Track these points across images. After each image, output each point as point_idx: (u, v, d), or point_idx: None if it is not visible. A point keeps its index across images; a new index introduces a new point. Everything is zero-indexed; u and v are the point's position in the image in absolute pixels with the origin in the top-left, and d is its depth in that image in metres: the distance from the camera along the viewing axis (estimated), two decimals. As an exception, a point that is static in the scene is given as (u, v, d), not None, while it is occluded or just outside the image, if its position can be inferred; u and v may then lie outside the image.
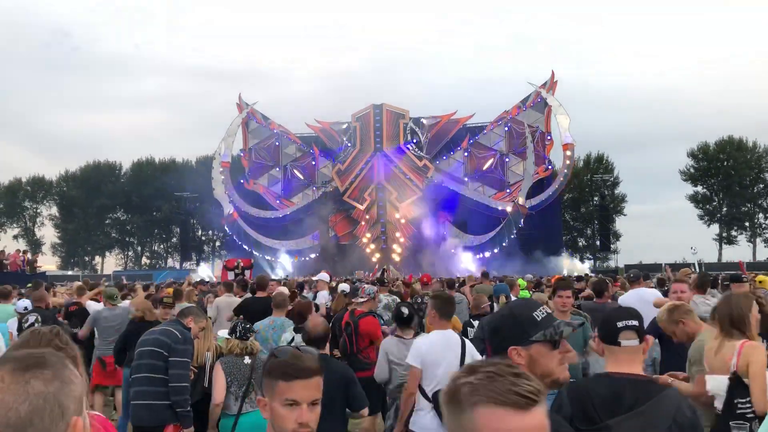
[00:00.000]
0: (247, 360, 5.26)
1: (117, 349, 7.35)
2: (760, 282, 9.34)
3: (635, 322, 2.75)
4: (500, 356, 2.01)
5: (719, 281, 11.62)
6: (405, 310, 5.91)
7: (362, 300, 7.19)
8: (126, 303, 9.36)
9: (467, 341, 5.12)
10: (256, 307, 8.73)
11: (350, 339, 6.91)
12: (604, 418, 2.45)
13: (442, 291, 8.25)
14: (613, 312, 2.92)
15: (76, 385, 1.21)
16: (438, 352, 4.94)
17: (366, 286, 7.34)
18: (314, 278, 14.33)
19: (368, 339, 6.92)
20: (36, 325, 8.10)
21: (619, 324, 2.74)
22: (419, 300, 8.43)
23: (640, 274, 9.37)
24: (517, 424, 1.20)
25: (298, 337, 5.90)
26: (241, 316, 8.09)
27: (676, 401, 2.28)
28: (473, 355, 5.02)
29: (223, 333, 6.07)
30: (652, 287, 9.39)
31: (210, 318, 7.58)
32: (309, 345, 4.51)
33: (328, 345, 4.72)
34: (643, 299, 7.53)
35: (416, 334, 6.06)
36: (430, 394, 4.92)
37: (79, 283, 12.68)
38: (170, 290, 12.50)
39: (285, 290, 10.18)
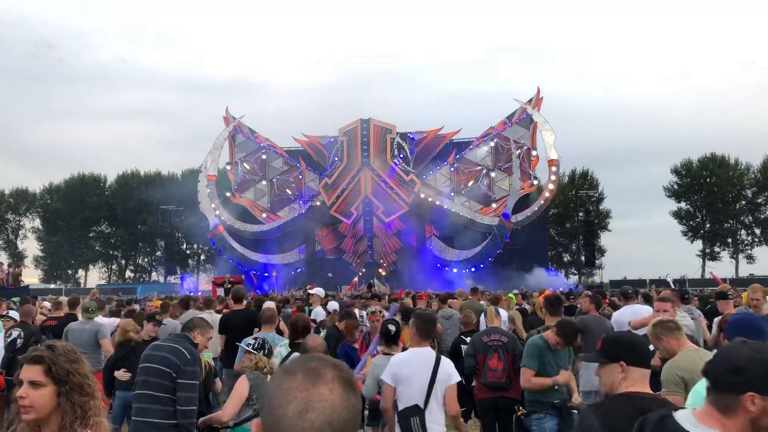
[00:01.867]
0: (269, 379, 5.28)
1: (107, 379, 7.07)
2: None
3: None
4: (728, 396, 1.95)
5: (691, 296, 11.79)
6: (392, 328, 5.92)
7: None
8: (102, 319, 9.05)
9: (444, 359, 5.10)
10: (237, 321, 8.71)
11: None
12: None
13: (425, 310, 8.26)
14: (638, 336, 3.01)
15: None
16: (411, 369, 4.94)
17: (375, 308, 7.36)
18: (311, 291, 14.12)
19: None
20: (18, 341, 8.00)
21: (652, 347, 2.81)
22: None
23: (635, 290, 9.47)
24: None
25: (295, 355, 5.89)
26: (256, 329, 8.01)
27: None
28: (449, 372, 5.00)
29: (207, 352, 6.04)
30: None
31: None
32: None
33: None
34: (637, 315, 7.59)
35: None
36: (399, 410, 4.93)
37: (63, 298, 12.48)
38: (158, 303, 12.44)
39: (272, 305, 10.18)
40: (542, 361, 5.75)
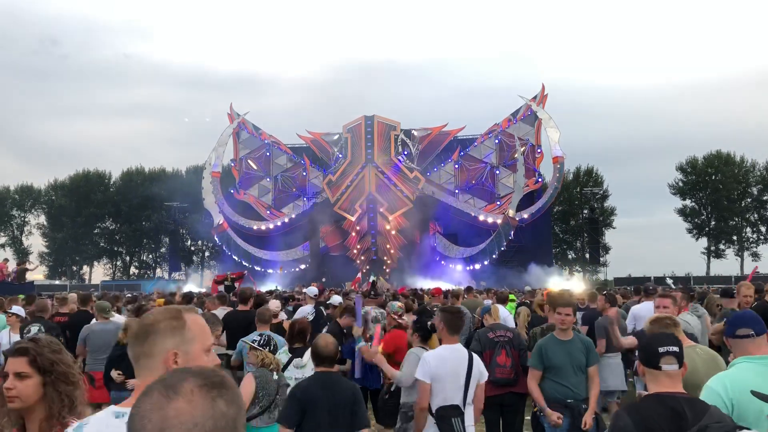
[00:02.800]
0: (275, 376, 5.28)
1: (107, 373, 7.08)
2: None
3: (676, 348, 2.92)
4: None
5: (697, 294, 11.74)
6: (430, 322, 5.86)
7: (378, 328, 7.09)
8: (119, 317, 9.09)
9: (476, 356, 5.08)
10: (238, 321, 8.66)
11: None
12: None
13: (452, 305, 8.23)
14: (654, 338, 3.10)
15: (244, 412, 1.26)
16: (447, 367, 4.89)
17: (374, 314, 7.30)
18: (304, 290, 14.14)
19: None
20: (41, 336, 7.96)
21: (661, 350, 2.91)
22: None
23: (655, 287, 9.51)
24: None
25: (297, 361, 5.84)
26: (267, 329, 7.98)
27: (720, 416, 2.40)
28: (481, 370, 4.98)
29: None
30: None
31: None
32: (320, 364, 4.49)
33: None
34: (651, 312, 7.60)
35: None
36: (434, 409, 4.87)
37: (70, 294, 12.46)
38: (160, 301, 12.41)
39: (276, 304, 10.13)
40: (550, 360, 5.66)
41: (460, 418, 4.79)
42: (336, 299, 10.09)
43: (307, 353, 5.92)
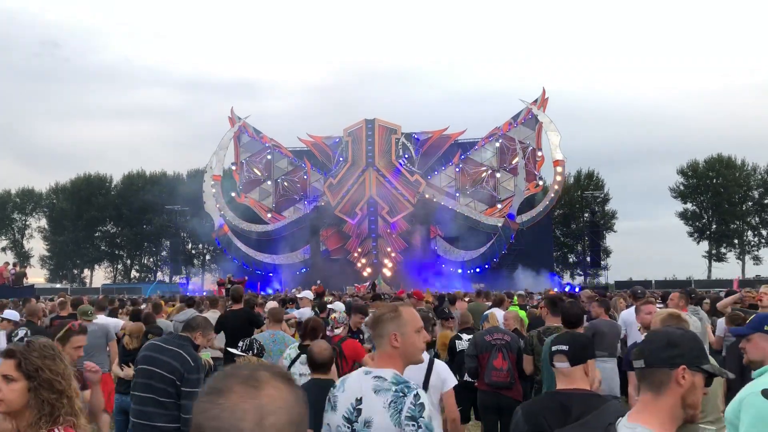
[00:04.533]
0: None
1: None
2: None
3: (565, 347, 3.09)
4: (662, 371, 2.03)
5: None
6: None
7: (338, 331, 7.00)
8: (105, 319, 9.00)
9: (438, 363, 4.88)
10: (234, 321, 8.67)
11: (338, 365, 6.76)
12: (556, 426, 2.67)
13: (419, 310, 8.19)
14: (553, 338, 3.36)
15: None
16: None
17: (337, 314, 7.13)
18: (299, 295, 14.14)
19: (353, 361, 6.79)
20: (25, 340, 7.97)
21: (553, 348, 3.14)
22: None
23: (644, 290, 9.45)
24: None
25: (304, 358, 5.81)
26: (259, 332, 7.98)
27: (616, 412, 2.36)
28: (442, 377, 4.78)
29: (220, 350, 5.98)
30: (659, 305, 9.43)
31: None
32: (315, 370, 4.43)
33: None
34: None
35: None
36: None
37: (63, 297, 12.47)
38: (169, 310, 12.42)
39: (274, 305, 10.15)
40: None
41: None
42: (338, 305, 10.06)
43: None
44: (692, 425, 3.60)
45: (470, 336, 7.68)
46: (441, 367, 4.72)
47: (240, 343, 5.56)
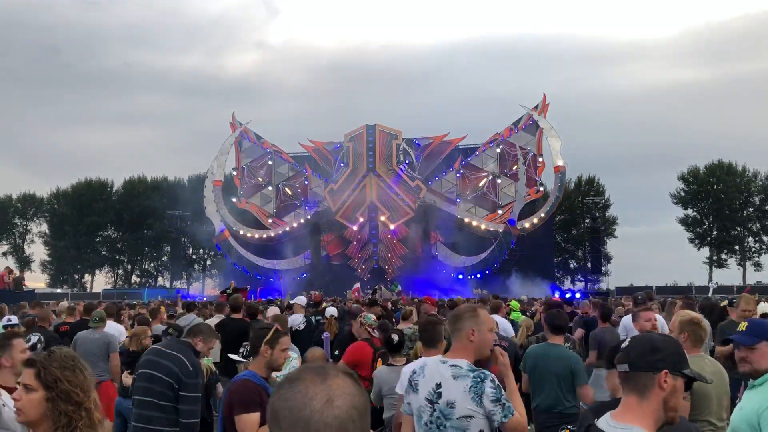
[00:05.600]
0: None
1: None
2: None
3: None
4: (646, 375, 2.10)
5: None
6: (395, 337, 5.78)
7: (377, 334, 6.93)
8: (111, 326, 9.06)
9: None
10: (231, 328, 8.64)
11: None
12: None
13: (431, 316, 8.19)
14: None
15: None
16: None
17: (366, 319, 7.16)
18: (291, 301, 14.13)
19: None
20: (38, 346, 7.97)
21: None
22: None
23: (644, 296, 9.41)
24: None
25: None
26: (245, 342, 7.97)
27: (687, 425, 2.53)
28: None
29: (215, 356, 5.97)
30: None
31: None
32: None
33: None
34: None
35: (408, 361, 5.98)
36: None
37: (70, 303, 12.47)
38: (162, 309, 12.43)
39: (275, 311, 10.16)
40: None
41: None
42: (331, 310, 10.04)
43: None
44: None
45: None
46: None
47: (241, 350, 5.56)
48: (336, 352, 8.23)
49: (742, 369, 3.45)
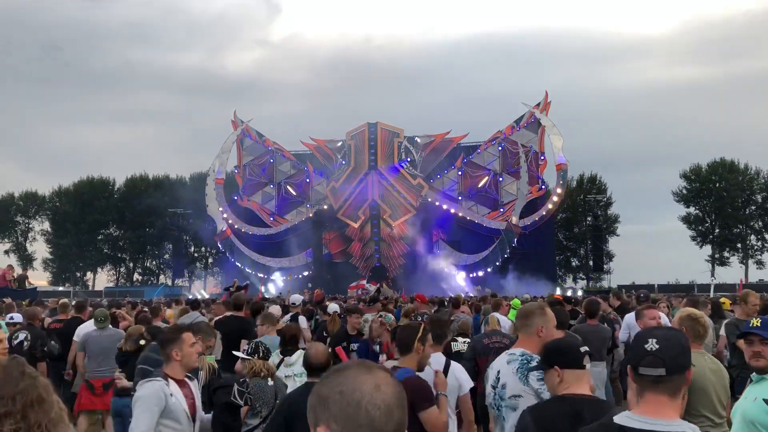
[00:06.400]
0: (270, 382, 5.16)
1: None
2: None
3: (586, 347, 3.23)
4: (680, 376, 2.16)
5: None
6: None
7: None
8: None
9: (455, 365, 4.92)
10: (231, 326, 8.65)
11: None
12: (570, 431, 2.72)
13: (436, 314, 8.24)
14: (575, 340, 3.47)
15: None
16: (427, 375, 4.66)
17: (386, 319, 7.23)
18: (291, 301, 14.12)
19: None
20: (25, 343, 8.02)
21: (582, 349, 3.19)
22: (419, 318, 8.37)
23: (647, 294, 9.39)
24: None
25: (290, 360, 5.81)
26: (244, 340, 7.98)
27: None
28: (460, 380, 4.82)
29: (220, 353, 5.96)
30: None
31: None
32: (311, 374, 4.39)
33: None
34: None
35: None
36: None
37: (64, 300, 12.47)
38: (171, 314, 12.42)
39: (277, 309, 10.16)
40: None
41: None
42: (333, 307, 10.05)
43: (298, 352, 5.93)
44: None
45: (466, 339, 7.69)
46: (458, 370, 4.87)
47: (245, 347, 5.57)
48: (330, 349, 8.26)
49: (756, 364, 3.43)
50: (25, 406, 2.12)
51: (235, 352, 5.96)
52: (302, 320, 10.28)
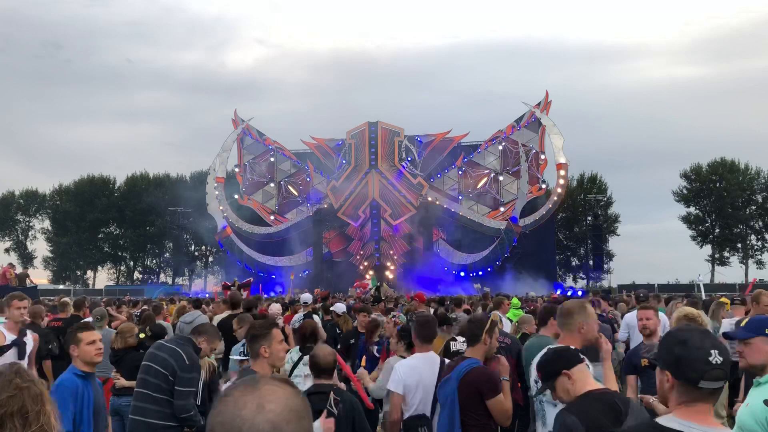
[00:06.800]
0: None
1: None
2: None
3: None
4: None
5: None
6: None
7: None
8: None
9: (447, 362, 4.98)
10: (228, 326, 8.64)
11: None
12: (613, 425, 2.78)
13: (423, 312, 8.24)
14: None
15: None
16: (417, 376, 4.77)
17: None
18: (301, 300, 14.13)
19: None
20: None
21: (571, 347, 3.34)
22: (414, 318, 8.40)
23: (646, 293, 9.38)
24: None
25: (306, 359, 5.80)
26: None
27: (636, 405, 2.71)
28: None
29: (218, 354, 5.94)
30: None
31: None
32: (318, 375, 4.34)
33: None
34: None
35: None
36: (404, 419, 4.75)
37: (65, 298, 12.47)
38: (171, 308, 12.43)
39: (277, 308, 10.15)
40: None
41: (426, 427, 4.67)
42: (340, 307, 10.06)
43: None
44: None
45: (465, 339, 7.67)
46: None
47: (240, 348, 5.54)
48: (339, 346, 8.27)
49: (740, 363, 3.47)
50: (2, 417, 2.16)
51: (232, 357, 5.94)
52: (316, 318, 10.33)
